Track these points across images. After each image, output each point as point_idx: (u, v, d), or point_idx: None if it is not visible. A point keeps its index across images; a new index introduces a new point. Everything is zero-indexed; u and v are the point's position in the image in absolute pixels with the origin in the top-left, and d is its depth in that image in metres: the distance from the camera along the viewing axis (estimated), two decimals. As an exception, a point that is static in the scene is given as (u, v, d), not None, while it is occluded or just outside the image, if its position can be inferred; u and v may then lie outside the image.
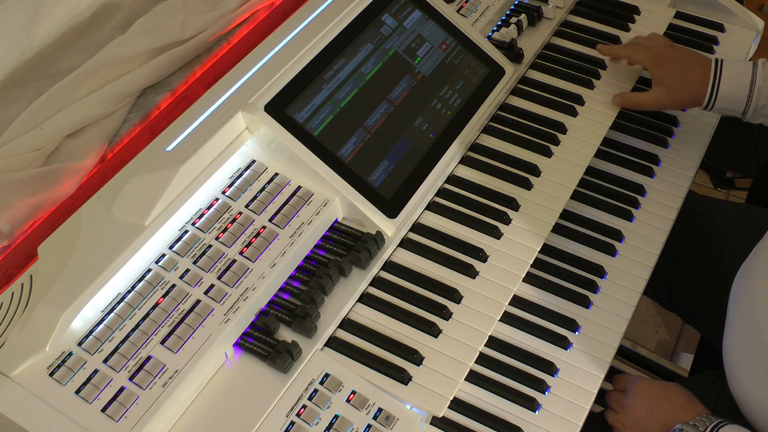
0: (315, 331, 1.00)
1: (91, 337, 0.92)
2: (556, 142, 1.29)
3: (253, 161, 1.10)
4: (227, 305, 0.97)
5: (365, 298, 1.07)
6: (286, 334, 1.00)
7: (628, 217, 1.24)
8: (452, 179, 1.22)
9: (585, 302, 1.13)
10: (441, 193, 1.21)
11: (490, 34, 1.40)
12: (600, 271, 1.17)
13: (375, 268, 1.08)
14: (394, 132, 1.17)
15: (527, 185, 1.22)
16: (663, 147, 1.36)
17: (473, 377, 1.03)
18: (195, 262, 1.00)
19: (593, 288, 1.15)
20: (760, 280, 1.04)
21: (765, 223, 1.36)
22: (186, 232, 1.02)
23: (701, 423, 1.00)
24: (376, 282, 1.09)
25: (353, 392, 0.96)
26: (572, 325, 1.10)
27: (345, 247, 1.07)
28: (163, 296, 0.96)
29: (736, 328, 1.09)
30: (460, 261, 1.12)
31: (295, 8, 1.25)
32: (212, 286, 0.98)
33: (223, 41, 1.31)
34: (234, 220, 1.04)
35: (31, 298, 0.93)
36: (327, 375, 0.97)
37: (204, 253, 1.01)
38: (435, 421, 0.99)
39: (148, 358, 0.92)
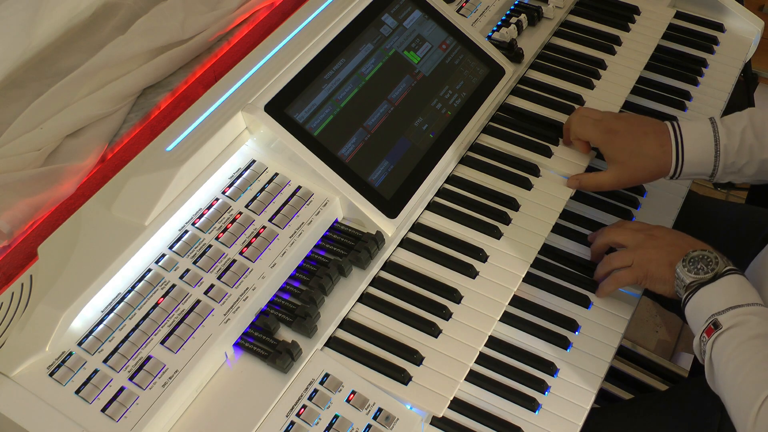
0: (315, 331, 1.00)
1: (91, 337, 0.92)
2: (556, 142, 1.28)
3: (253, 161, 1.10)
4: (227, 305, 0.97)
5: (365, 298, 1.07)
6: (286, 334, 1.00)
7: (629, 217, 1.24)
8: (452, 179, 1.22)
9: (585, 302, 1.13)
10: (441, 193, 1.21)
11: (490, 34, 1.40)
12: (600, 271, 1.17)
13: (375, 268, 1.08)
14: (394, 132, 1.17)
15: (527, 185, 1.22)
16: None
17: (473, 377, 1.03)
18: (195, 262, 1.00)
19: (593, 288, 1.14)
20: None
21: (765, 223, 1.36)
22: (186, 232, 1.02)
23: (717, 257, 1.01)
24: (376, 282, 1.09)
25: (353, 392, 0.96)
26: (572, 325, 1.10)
27: (345, 247, 1.07)
28: (163, 296, 0.96)
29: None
30: (460, 261, 1.12)
31: (295, 8, 1.25)
32: (212, 286, 0.98)
33: (223, 41, 1.31)
34: (234, 220, 1.04)
35: (31, 298, 0.93)
36: (327, 375, 0.97)
37: (204, 253, 1.01)
38: (435, 421, 0.99)
39: (148, 358, 0.92)
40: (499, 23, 1.44)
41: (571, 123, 1.25)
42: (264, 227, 1.05)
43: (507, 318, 1.09)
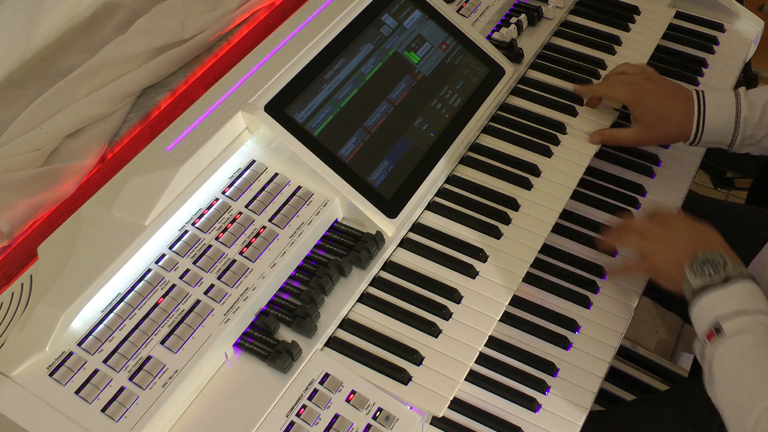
0: (315, 331, 1.00)
1: (91, 337, 0.92)
2: (556, 142, 1.28)
3: (253, 161, 1.10)
4: (227, 305, 0.97)
5: (365, 298, 1.07)
6: (286, 334, 1.00)
7: (629, 217, 1.24)
8: (452, 179, 1.22)
9: (585, 302, 1.13)
10: (441, 193, 1.21)
11: (490, 34, 1.40)
12: (600, 271, 1.16)
13: (375, 268, 1.08)
14: (394, 132, 1.17)
15: (527, 185, 1.22)
16: (663, 147, 1.36)
17: (473, 377, 1.03)
18: (195, 262, 1.00)
19: (593, 288, 1.15)
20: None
21: (765, 223, 1.36)
22: (186, 232, 1.02)
23: (727, 260, 0.99)
24: (376, 282, 1.09)
25: (353, 392, 0.96)
26: (572, 325, 1.10)
27: (345, 247, 1.07)
28: (163, 296, 0.96)
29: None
30: (460, 261, 1.12)
31: (295, 8, 1.25)
32: (212, 286, 0.98)
33: (223, 41, 1.31)
34: (234, 220, 1.04)
35: (31, 298, 0.93)
36: (327, 375, 0.97)
37: (204, 253, 1.01)
38: (435, 421, 1.00)
39: (148, 358, 0.92)
40: (499, 23, 1.43)
41: (599, 86, 1.32)
42: (264, 227, 1.05)
43: (507, 318, 1.09)
